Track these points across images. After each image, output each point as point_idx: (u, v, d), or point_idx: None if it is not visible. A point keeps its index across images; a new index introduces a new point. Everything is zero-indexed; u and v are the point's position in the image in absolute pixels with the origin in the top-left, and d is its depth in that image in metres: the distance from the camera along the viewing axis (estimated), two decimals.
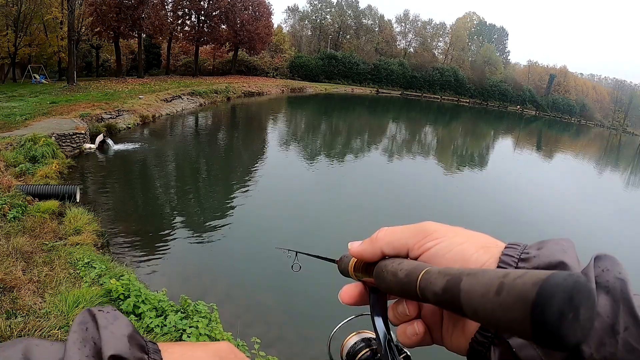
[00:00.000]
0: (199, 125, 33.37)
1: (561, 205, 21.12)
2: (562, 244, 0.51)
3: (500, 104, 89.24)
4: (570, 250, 0.50)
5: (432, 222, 0.61)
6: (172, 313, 6.51)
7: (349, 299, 0.68)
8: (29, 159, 15.05)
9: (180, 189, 17.27)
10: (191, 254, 11.45)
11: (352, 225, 14.22)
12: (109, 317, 0.52)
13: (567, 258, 0.49)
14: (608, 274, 0.47)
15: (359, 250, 0.66)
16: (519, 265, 0.51)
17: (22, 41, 38.86)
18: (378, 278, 0.61)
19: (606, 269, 0.47)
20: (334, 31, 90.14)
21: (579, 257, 0.48)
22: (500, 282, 0.38)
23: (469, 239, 0.58)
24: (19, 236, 8.98)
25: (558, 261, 0.48)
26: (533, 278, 0.36)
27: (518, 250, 0.53)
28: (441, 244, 0.58)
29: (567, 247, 0.51)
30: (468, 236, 0.59)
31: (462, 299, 0.42)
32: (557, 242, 0.52)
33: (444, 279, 0.46)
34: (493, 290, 0.38)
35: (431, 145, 37.30)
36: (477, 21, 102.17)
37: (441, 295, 0.45)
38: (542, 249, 0.51)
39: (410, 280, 0.52)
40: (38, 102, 26.36)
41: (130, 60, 60.26)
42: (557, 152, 44.09)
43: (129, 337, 0.51)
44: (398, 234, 0.62)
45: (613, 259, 0.48)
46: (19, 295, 6.27)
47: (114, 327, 0.51)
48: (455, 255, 0.56)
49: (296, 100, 57.63)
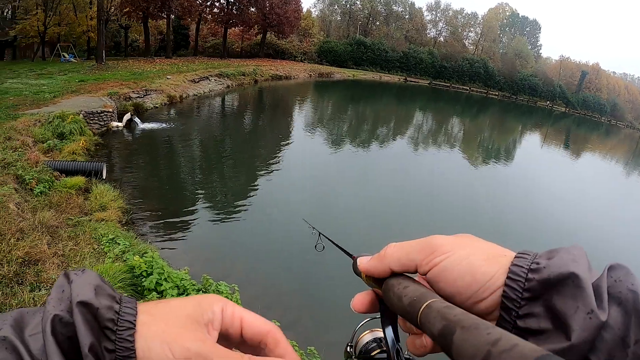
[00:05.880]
0: (226, 107, 33.40)
1: (585, 207, 20.63)
2: (573, 253, 0.50)
3: (530, 99, 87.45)
4: (582, 260, 0.50)
5: (439, 236, 0.61)
6: (193, 292, 6.50)
7: (360, 306, 0.67)
8: (56, 136, 15.18)
9: (205, 169, 17.30)
10: (213, 235, 11.47)
11: (375, 217, 14.16)
12: (79, 272, 0.54)
13: (578, 268, 0.48)
14: (621, 285, 0.47)
15: (367, 267, 0.66)
16: (528, 276, 0.50)
17: (51, 20, 39.21)
18: (385, 296, 0.62)
19: (619, 280, 0.47)
20: (364, 17, 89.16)
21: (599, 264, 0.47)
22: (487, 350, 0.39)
23: (475, 250, 0.57)
24: (45, 210, 9.04)
25: (569, 272, 0.48)
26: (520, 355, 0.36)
27: (528, 260, 0.52)
28: (449, 259, 0.57)
29: (578, 256, 0.50)
30: (475, 247, 0.58)
31: (454, 352, 0.43)
32: (568, 250, 0.51)
33: (441, 323, 0.47)
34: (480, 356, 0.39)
35: (457, 137, 36.70)
36: (510, 12, 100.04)
37: (437, 338, 0.47)
38: (552, 259, 0.50)
39: (413, 311, 0.53)
40: (67, 80, 26.56)
41: (158, 41, 60.48)
42: (585, 151, 43.17)
43: (95, 287, 0.52)
44: (406, 250, 0.62)
45: (627, 269, 0.49)
46: (44, 269, 6.30)
47: (81, 279, 0.52)
48: (463, 268, 0.55)
49: (323, 85, 57.32)
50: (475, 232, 0.61)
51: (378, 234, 12.67)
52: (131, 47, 57.84)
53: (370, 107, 43.27)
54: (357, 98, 49.12)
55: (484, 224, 15.02)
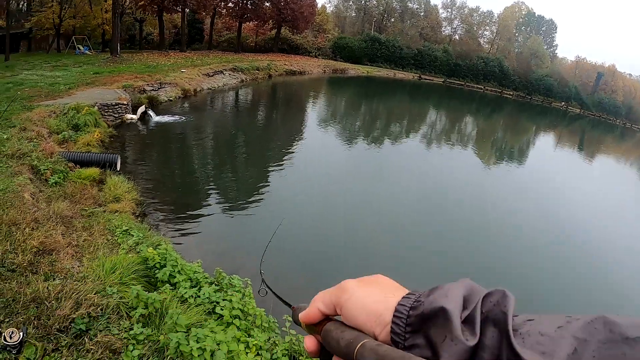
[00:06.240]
0: (239, 101, 33.47)
1: (595, 209, 20.40)
2: (446, 289, 0.59)
3: (545, 99, 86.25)
4: (453, 294, 0.58)
5: (348, 280, 0.71)
6: (206, 285, 6.50)
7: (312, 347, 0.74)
8: (71, 127, 15.28)
9: (217, 163, 17.33)
10: (225, 229, 11.50)
11: (382, 215, 14.10)
12: None
13: (447, 302, 0.56)
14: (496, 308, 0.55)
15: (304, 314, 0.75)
16: (410, 312, 0.59)
17: (66, 13, 39.35)
18: (324, 340, 0.69)
19: (496, 303, 0.55)
20: (379, 14, 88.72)
21: None
22: None
23: (371, 293, 0.66)
24: (59, 201, 9.08)
25: (439, 307, 0.56)
26: None
27: (412, 299, 0.61)
28: (350, 300, 0.67)
29: (450, 291, 0.59)
30: (372, 289, 0.67)
31: None
32: (444, 287, 0.59)
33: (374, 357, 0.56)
34: None
35: (470, 137, 36.38)
36: (526, 11, 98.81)
37: None
38: (429, 296, 0.59)
39: (349, 351, 0.61)
40: (81, 72, 26.73)
41: (173, 35, 60.63)
42: (600, 154, 42.55)
43: None
44: (327, 295, 0.71)
45: (502, 292, 0.56)
46: (58, 258, 6.30)
47: None
48: (358, 307, 0.65)
49: (337, 81, 57.20)
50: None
51: (386, 233, 12.66)
52: (145, 40, 57.97)
53: (384, 105, 43.04)
54: (370, 95, 48.84)
55: (492, 225, 14.95)
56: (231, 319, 5.80)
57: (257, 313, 6.15)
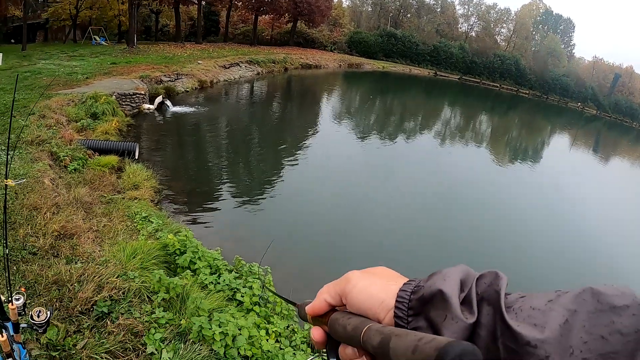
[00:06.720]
0: (255, 94, 33.51)
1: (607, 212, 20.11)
2: (444, 273, 0.62)
3: (561, 99, 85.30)
4: (450, 277, 0.61)
5: (352, 271, 0.73)
6: (225, 272, 6.53)
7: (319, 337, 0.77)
8: (90, 115, 15.38)
9: (233, 153, 17.41)
10: (241, 217, 11.58)
11: (394, 210, 14.05)
12: None
13: (445, 285, 0.60)
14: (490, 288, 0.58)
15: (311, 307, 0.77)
16: (411, 297, 0.62)
17: (83, 4, 39.65)
18: (332, 329, 0.72)
19: (490, 284, 0.59)
20: (395, 9, 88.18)
21: None
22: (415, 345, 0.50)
23: (374, 281, 0.69)
24: (79, 187, 9.14)
25: (437, 289, 0.59)
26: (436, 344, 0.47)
27: (412, 285, 0.64)
28: (354, 289, 0.69)
29: (447, 275, 0.62)
30: (375, 278, 0.70)
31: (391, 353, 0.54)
32: (442, 271, 0.63)
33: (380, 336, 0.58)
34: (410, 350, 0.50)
35: (485, 135, 36.14)
36: (544, 10, 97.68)
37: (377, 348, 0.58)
38: (428, 281, 0.62)
39: (356, 334, 0.63)
40: (99, 62, 26.89)
41: (188, 26, 60.69)
42: (615, 156, 42.04)
43: None
44: (333, 286, 0.74)
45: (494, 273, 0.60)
46: (79, 243, 6.33)
47: None
48: (364, 295, 0.68)
49: (353, 76, 57.10)
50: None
51: (399, 228, 12.63)
52: (161, 31, 58.17)
53: (399, 101, 42.89)
54: (385, 90, 48.69)
55: (500, 224, 14.86)
56: (251, 306, 5.81)
57: (278, 301, 6.15)
